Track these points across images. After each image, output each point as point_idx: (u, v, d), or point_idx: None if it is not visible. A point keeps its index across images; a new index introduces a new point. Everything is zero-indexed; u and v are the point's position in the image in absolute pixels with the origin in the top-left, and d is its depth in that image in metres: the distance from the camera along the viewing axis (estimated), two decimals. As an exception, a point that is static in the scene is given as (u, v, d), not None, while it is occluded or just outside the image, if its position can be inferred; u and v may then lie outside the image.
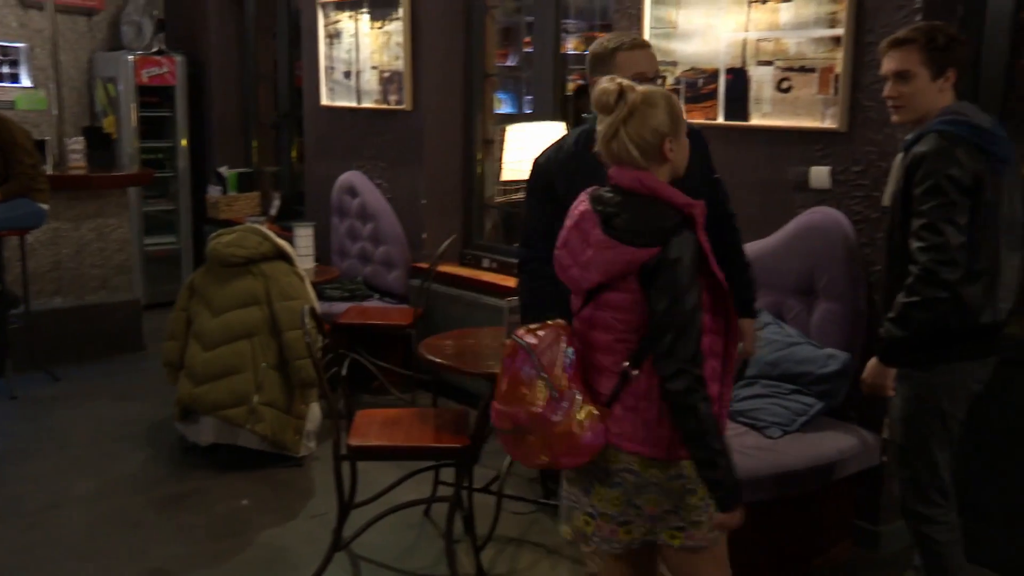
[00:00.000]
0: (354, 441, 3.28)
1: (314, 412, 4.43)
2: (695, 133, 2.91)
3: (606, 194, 2.23)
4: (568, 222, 2.27)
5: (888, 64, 2.76)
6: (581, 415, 2.15)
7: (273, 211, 6.75)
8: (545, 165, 2.82)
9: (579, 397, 2.17)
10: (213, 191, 7.37)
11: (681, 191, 2.30)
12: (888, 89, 2.77)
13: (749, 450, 3.25)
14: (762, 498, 3.12)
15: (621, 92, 2.20)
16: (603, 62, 2.71)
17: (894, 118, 2.81)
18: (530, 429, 2.17)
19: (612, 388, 2.19)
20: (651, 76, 2.70)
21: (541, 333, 2.23)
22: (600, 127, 2.24)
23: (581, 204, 2.25)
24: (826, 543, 3.50)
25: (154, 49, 7.32)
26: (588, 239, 2.18)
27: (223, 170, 7.44)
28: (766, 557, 3.27)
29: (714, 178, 2.90)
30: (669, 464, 2.19)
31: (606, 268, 2.16)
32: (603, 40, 2.78)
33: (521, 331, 2.27)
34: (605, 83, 2.23)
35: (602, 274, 2.17)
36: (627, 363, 2.16)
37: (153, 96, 7.36)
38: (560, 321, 2.28)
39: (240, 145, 7.85)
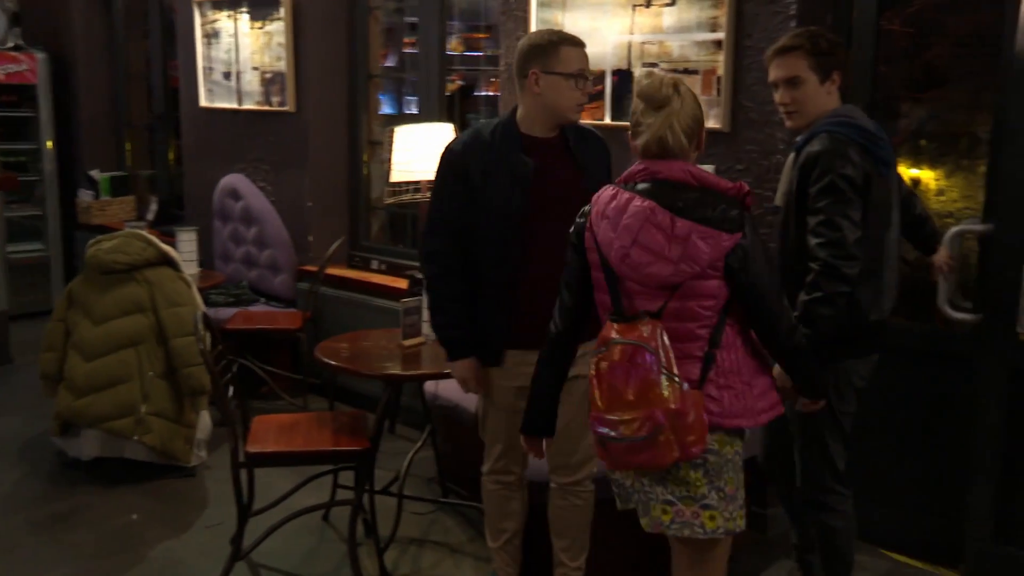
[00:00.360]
0: (253, 448, 3.22)
1: (204, 420, 4.32)
2: (597, 138, 2.96)
3: (650, 188, 2.21)
4: (625, 222, 2.20)
5: (776, 72, 2.81)
6: (698, 402, 2.18)
7: (150, 216, 6.54)
8: (461, 153, 2.79)
9: (688, 386, 2.18)
10: (84, 195, 7.07)
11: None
12: (780, 96, 2.82)
13: (645, 441, 3.35)
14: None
15: (676, 85, 2.24)
16: (544, 54, 2.70)
17: (788, 124, 2.87)
18: (666, 427, 2.13)
19: (699, 373, 2.22)
20: (588, 75, 2.73)
21: (646, 328, 2.18)
22: (650, 120, 2.23)
23: (632, 202, 2.21)
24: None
25: (10, 44, 6.94)
26: (672, 232, 2.16)
27: (95, 173, 7.15)
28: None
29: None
30: (736, 439, 2.29)
31: (710, 256, 2.17)
32: (541, 32, 2.77)
33: (614, 333, 2.20)
34: (653, 77, 2.24)
35: (704, 263, 2.17)
36: (710, 347, 2.24)
37: (11, 95, 6.99)
38: (645, 315, 2.24)
39: (112, 147, 7.56)
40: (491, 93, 6.47)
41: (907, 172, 3.69)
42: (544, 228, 2.75)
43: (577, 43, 2.75)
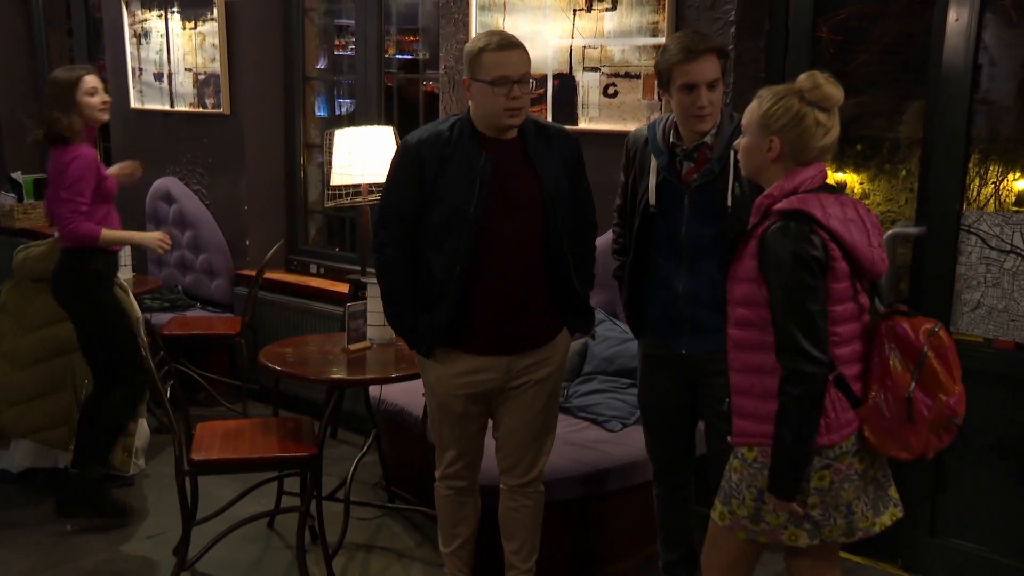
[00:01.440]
0: (198, 455, 3.16)
1: (142, 428, 4.21)
2: (564, 137, 2.87)
3: (832, 189, 2.30)
4: (868, 224, 2.28)
5: (700, 74, 2.69)
6: None
7: (77, 219, 6.34)
8: (415, 147, 2.73)
9: None
10: (5, 199, 6.84)
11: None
12: (702, 97, 2.71)
13: (592, 443, 3.38)
14: (620, 487, 3.31)
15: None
16: (470, 61, 2.65)
17: (703, 126, 2.76)
18: None
19: None
20: (516, 79, 2.62)
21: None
22: (830, 121, 2.26)
23: (852, 202, 2.29)
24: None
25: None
26: (872, 225, 2.31)
27: (16, 175, 6.91)
28: (612, 537, 3.41)
29: (584, 186, 2.91)
30: None
31: None
32: (475, 38, 2.71)
33: (925, 323, 2.23)
34: (816, 77, 2.25)
35: None
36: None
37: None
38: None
39: (35, 148, 7.27)
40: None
41: (833, 175, 3.79)
42: (499, 229, 2.71)
43: (503, 47, 2.63)
